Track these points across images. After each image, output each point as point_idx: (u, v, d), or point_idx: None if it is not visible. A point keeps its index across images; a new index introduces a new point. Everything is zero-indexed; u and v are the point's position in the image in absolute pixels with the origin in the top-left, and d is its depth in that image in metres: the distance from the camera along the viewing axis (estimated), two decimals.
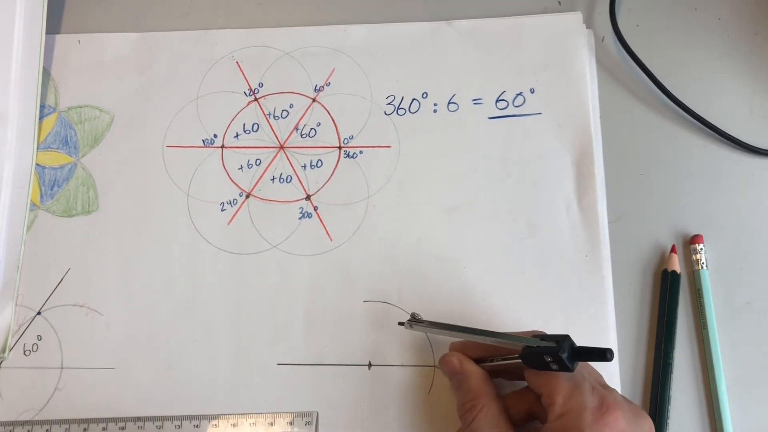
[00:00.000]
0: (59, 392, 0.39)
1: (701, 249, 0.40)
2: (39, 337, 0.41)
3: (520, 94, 0.43)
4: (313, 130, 0.44)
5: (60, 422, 0.38)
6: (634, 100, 0.44)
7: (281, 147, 0.44)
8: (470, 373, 0.34)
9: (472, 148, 0.43)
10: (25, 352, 0.40)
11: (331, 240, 0.41)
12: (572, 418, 0.29)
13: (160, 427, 0.38)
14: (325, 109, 0.44)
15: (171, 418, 0.38)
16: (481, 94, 0.44)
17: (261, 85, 0.45)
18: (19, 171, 0.43)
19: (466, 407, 0.33)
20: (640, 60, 0.43)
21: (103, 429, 0.38)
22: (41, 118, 0.45)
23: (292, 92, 0.45)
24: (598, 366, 0.33)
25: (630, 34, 0.44)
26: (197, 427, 0.38)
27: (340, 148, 0.43)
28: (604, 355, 0.28)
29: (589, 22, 0.45)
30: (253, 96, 0.45)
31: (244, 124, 0.44)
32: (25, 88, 0.43)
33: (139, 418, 0.38)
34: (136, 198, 0.43)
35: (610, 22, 0.45)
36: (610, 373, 0.37)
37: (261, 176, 0.43)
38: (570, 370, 0.30)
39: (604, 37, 0.45)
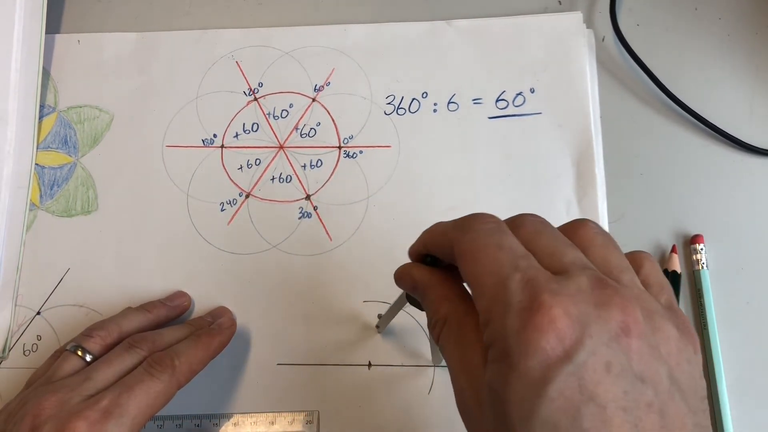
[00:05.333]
0: None
1: (701, 249, 0.40)
2: (39, 337, 0.41)
3: (520, 93, 0.43)
4: (312, 130, 0.44)
5: None
6: (634, 100, 0.44)
7: (281, 147, 0.44)
8: (427, 284, 0.26)
9: (472, 148, 0.43)
10: (24, 352, 0.40)
11: (331, 240, 0.41)
12: (494, 329, 0.20)
13: (161, 426, 0.38)
14: (325, 108, 0.44)
15: (172, 418, 0.38)
16: (481, 94, 0.44)
17: (261, 84, 0.45)
18: (19, 171, 0.43)
19: (431, 325, 0.25)
20: (640, 60, 0.43)
21: None
22: (41, 117, 0.45)
23: (292, 92, 0.45)
24: None
25: (630, 33, 0.44)
26: (198, 426, 0.38)
27: (339, 147, 0.43)
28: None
29: (589, 22, 0.45)
30: (252, 96, 0.45)
31: (243, 124, 0.44)
32: (24, 88, 0.43)
33: None
34: (136, 198, 0.43)
35: (611, 22, 0.45)
36: None
37: (261, 176, 0.43)
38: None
39: (604, 36, 0.45)
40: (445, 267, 0.26)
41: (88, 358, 0.34)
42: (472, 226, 0.23)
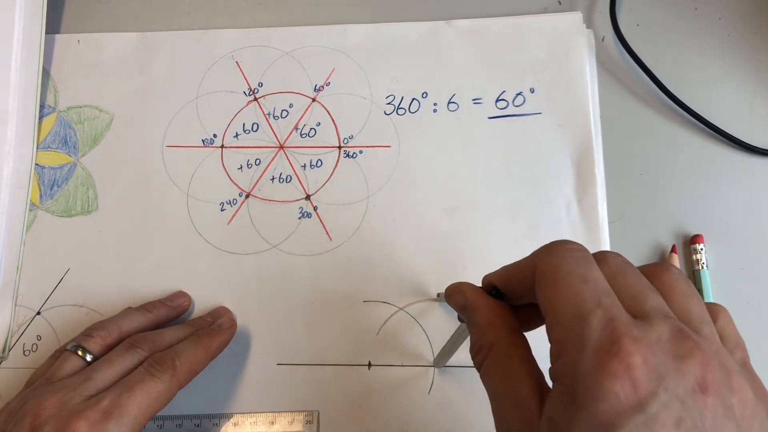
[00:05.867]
0: None
1: (701, 249, 0.40)
2: (39, 337, 0.41)
3: (520, 93, 0.43)
4: (312, 130, 0.44)
5: None
6: (634, 100, 0.44)
7: (281, 147, 0.44)
8: (477, 306, 0.25)
9: (472, 148, 0.43)
10: (24, 352, 0.40)
11: (331, 240, 0.41)
12: (566, 363, 0.20)
13: (161, 427, 0.38)
14: (325, 108, 0.44)
15: (172, 418, 0.38)
16: (481, 94, 0.44)
17: (261, 84, 0.45)
18: (19, 171, 0.43)
19: (474, 350, 0.25)
20: (640, 60, 0.43)
21: None
22: (41, 117, 0.45)
23: (292, 92, 0.45)
24: None
25: (630, 33, 0.44)
26: (198, 426, 0.38)
27: (339, 147, 0.43)
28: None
29: (589, 22, 0.45)
30: (252, 96, 0.45)
31: (243, 124, 0.44)
32: (24, 88, 0.43)
33: None
34: (136, 198, 0.43)
35: (611, 22, 0.45)
36: None
37: (261, 176, 0.43)
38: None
39: (604, 36, 0.45)
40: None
41: (89, 358, 0.34)
42: (559, 251, 0.22)
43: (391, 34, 0.45)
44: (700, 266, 0.39)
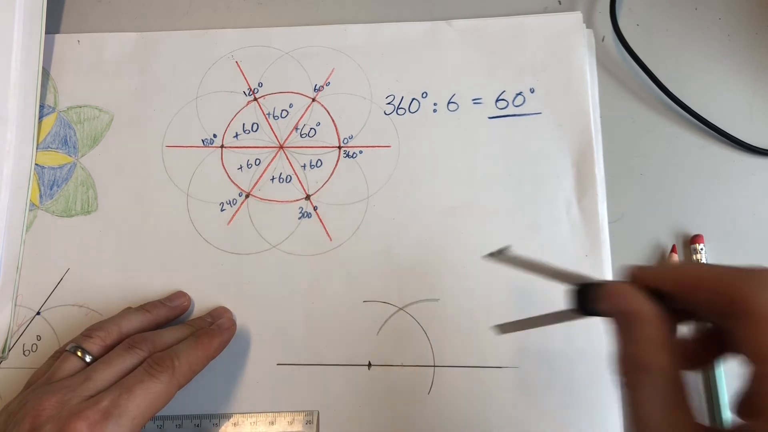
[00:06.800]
0: None
1: (701, 249, 0.40)
2: (38, 338, 0.41)
3: (520, 93, 0.43)
4: (312, 130, 0.44)
5: None
6: (634, 100, 0.44)
7: (281, 147, 0.44)
8: (644, 320, 0.22)
9: (472, 148, 0.43)
10: (24, 352, 0.41)
11: (331, 240, 0.41)
12: None
13: (161, 427, 0.38)
14: (325, 108, 0.44)
15: (172, 418, 0.38)
16: (481, 94, 0.44)
17: (261, 84, 0.45)
18: (19, 171, 0.43)
19: (626, 368, 0.21)
20: (640, 60, 0.43)
21: None
22: (41, 117, 0.45)
23: (292, 92, 0.45)
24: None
25: (630, 33, 0.44)
26: (198, 426, 0.38)
27: (339, 147, 0.43)
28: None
29: (589, 22, 0.45)
30: (252, 96, 0.45)
31: (243, 124, 0.44)
32: (24, 88, 0.43)
33: None
34: (136, 198, 0.43)
35: (611, 22, 0.45)
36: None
37: (260, 176, 0.43)
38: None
39: (604, 36, 0.45)
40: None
41: (88, 358, 0.34)
42: None
43: (391, 34, 0.45)
44: None
